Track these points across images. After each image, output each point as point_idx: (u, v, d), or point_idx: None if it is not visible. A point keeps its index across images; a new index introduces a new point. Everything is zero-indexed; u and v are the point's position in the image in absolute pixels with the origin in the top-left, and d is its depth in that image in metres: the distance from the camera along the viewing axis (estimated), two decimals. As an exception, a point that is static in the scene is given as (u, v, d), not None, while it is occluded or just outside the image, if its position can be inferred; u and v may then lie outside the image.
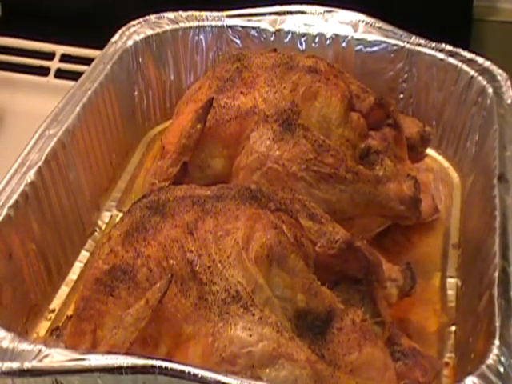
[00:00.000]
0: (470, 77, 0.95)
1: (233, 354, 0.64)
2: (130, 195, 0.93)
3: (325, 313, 0.69)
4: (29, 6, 1.09)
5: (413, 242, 0.89)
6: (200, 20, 1.01)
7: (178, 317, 0.66)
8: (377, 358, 0.68)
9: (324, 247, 0.74)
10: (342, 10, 1.00)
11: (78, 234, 0.87)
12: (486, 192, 0.83)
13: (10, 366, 0.63)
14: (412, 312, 0.80)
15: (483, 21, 1.10)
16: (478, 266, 0.78)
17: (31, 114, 0.89)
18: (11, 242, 0.77)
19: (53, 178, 0.83)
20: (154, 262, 0.68)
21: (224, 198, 0.73)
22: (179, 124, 0.88)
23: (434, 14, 1.02)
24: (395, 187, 0.86)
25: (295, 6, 1.01)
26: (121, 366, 0.61)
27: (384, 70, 0.99)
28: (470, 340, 0.73)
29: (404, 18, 0.99)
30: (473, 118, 0.94)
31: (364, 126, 0.89)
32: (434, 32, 0.98)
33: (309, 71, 0.88)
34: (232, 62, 0.91)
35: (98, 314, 0.69)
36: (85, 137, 0.89)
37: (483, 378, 0.62)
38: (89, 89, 0.91)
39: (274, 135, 0.84)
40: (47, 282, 0.81)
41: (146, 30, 1.01)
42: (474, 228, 0.85)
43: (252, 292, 0.66)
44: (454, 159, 0.97)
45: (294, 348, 0.65)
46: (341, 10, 1.01)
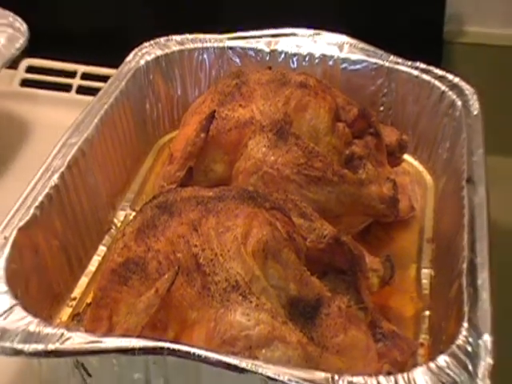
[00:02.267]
0: (441, 91, 0.95)
1: (233, 337, 0.64)
2: (141, 196, 0.92)
3: (314, 300, 0.69)
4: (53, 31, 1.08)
5: (392, 237, 0.89)
6: (203, 42, 1.02)
7: (184, 304, 0.66)
8: (360, 339, 0.68)
9: (314, 242, 0.73)
10: (329, 33, 1.01)
11: (96, 231, 0.87)
12: (456, 193, 0.83)
13: (35, 348, 0.63)
14: (391, 299, 0.80)
15: (452, 43, 1.10)
16: (449, 258, 0.78)
17: (55, 125, 0.89)
18: (37, 239, 0.77)
19: (74, 182, 0.83)
20: (162, 256, 0.68)
21: (225, 198, 0.73)
22: (185, 133, 0.88)
23: (410, 37, 1.02)
24: (376, 188, 0.86)
25: (287, 29, 1.02)
26: (134, 348, 0.61)
27: (366, 86, 0.99)
28: (442, 323, 0.73)
29: (383, 40, 0.99)
30: (444, 128, 0.94)
31: (348, 135, 0.89)
32: (410, 52, 0.99)
33: (300, 86, 0.88)
34: (232, 78, 0.91)
35: (113, 302, 0.69)
36: (102, 145, 0.89)
37: (453, 357, 0.62)
38: (106, 103, 0.91)
39: (269, 143, 0.84)
40: (69, 274, 0.81)
41: (156, 50, 1.01)
42: (446, 225, 0.85)
43: (250, 282, 0.66)
44: (428, 164, 0.97)
45: (287, 331, 0.65)
46: (327, 32, 1.01)
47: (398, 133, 0.95)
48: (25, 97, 1.18)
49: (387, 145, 0.92)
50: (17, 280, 0.71)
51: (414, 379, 0.61)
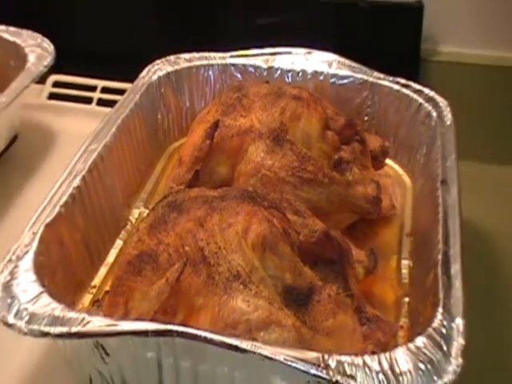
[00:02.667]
0: (418, 104, 0.95)
1: (234, 321, 0.63)
2: (154, 196, 0.92)
3: (307, 288, 0.69)
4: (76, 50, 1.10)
5: (375, 232, 0.88)
6: (209, 59, 1.02)
7: (191, 292, 0.66)
8: (347, 323, 0.68)
9: (306, 236, 0.73)
10: (319, 52, 1.01)
11: (114, 227, 0.87)
12: (432, 193, 0.83)
13: (60, 330, 0.63)
14: (375, 287, 0.80)
15: (428, 61, 1.11)
16: (425, 250, 0.78)
17: (78, 133, 0.89)
18: (62, 234, 0.77)
19: (94, 184, 0.83)
20: (172, 249, 0.68)
21: (227, 197, 0.73)
22: (193, 140, 0.87)
23: (391, 55, 1.03)
24: (362, 189, 0.86)
25: (283, 49, 1.02)
26: (147, 330, 0.61)
27: (352, 98, 0.99)
28: (420, 308, 0.73)
29: (368, 58, 0.99)
30: (421, 136, 0.94)
31: (337, 142, 0.89)
32: (391, 69, 0.99)
33: (294, 98, 0.88)
34: (234, 91, 0.91)
35: (129, 290, 0.69)
36: (119, 151, 0.88)
37: (430, 338, 0.62)
38: (122, 113, 0.91)
39: (267, 148, 0.84)
40: (90, 265, 0.81)
41: (167, 67, 1.01)
42: (423, 221, 0.85)
43: (249, 272, 0.66)
44: (407, 167, 0.97)
45: (283, 316, 0.65)
46: (318, 51, 1.01)
47: (381, 140, 0.95)
48: (51, 108, 1.18)
49: (371, 150, 0.92)
50: (44, 270, 0.71)
51: (395, 358, 0.60)
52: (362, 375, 0.59)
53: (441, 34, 1.14)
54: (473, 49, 1.13)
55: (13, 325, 0.63)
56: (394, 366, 0.60)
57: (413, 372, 0.59)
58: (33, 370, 0.78)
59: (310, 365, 0.58)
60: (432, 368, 0.60)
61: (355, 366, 0.59)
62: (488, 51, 1.12)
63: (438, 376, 0.59)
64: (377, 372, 0.59)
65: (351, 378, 0.58)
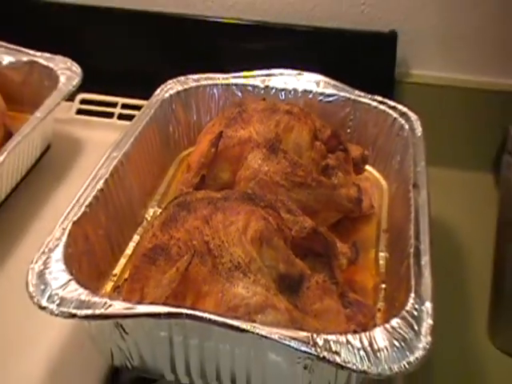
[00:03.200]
0: (393, 118, 0.95)
1: (236, 305, 0.63)
2: (166, 197, 0.91)
3: (298, 276, 0.69)
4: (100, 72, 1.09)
5: (357, 228, 0.88)
6: (214, 80, 1.01)
7: (199, 280, 0.65)
8: (333, 306, 0.68)
9: (297, 232, 0.73)
10: (309, 73, 1.00)
11: (132, 224, 0.86)
12: (405, 195, 0.82)
13: (86, 312, 0.62)
14: (356, 275, 0.79)
15: (401, 82, 1.11)
16: (399, 244, 0.77)
17: (102, 143, 0.89)
18: (87, 229, 0.76)
19: (115, 186, 0.83)
20: (182, 243, 0.68)
21: (229, 199, 0.72)
22: (199, 149, 0.87)
23: (370, 77, 1.03)
24: (345, 191, 0.86)
25: (277, 70, 1.01)
26: (160, 313, 0.60)
27: (337, 113, 0.98)
28: (395, 294, 0.72)
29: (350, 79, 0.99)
30: (396, 145, 0.93)
31: (324, 150, 0.88)
32: (369, 88, 0.98)
33: (287, 113, 0.87)
34: (235, 107, 0.90)
35: (144, 278, 0.68)
36: (136, 158, 0.88)
37: (403, 319, 0.62)
38: (139, 126, 0.91)
39: (263, 156, 0.83)
40: (111, 256, 0.80)
41: (177, 86, 1.00)
42: (397, 219, 0.84)
43: (248, 263, 0.66)
44: (384, 172, 0.96)
45: (277, 301, 0.64)
46: (308, 73, 1.00)
47: (361, 149, 0.94)
48: (79, 122, 1.17)
49: (353, 158, 0.92)
50: (72, 261, 0.70)
51: (374, 336, 0.60)
52: (345, 351, 0.58)
53: (412, 60, 1.14)
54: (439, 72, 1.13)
55: (46, 307, 0.63)
56: (373, 343, 0.59)
57: (389, 348, 0.59)
58: (62, 346, 0.78)
59: (300, 343, 0.58)
60: (405, 345, 0.60)
61: (340, 343, 0.59)
62: (451, 74, 1.12)
63: (411, 352, 0.59)
64: (358, 349, 0.59)
65: (336, 353, 0.58)
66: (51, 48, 1.09)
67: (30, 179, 1.02)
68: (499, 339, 0.83)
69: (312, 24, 1.14)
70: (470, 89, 1.11)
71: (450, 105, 1.12)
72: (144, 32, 1.19)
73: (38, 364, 0.76)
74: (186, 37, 1.17)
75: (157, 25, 1.19)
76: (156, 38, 1.19)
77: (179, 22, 1.18)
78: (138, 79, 1.06)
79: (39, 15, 1.21)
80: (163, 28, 1.19)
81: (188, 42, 1.18)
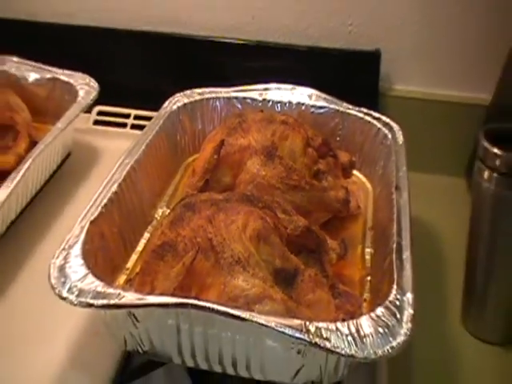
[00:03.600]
0: (378, 128, 0.94)
1: (236, 296, 0.63)
2: (173, 199, 0.90)
3: (292, 270, 0.68)
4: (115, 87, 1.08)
5: (345, 227, 0.87)
6: (216, 93, 1.01)
7: (203, 273, 0.65)
8: (324, 297, 0.68)
9: (292, 230, 0.72)
10: (302, 87, 1.00)
11: (143, 223, 0.85)
12: (388, 196, 0.82)
13: (102, 302, 0.62)
14: (345, 269, 0.79)
15: (385, 95, 1.11)
16: (383, 240, 0.77)
17: (116, 150, 0.88)
18: (102, 228, 0.76)
19: (128, 189, 0.82)
20: (187, 240, 0.67)
21: (230, 200, 0.72)
22: (203, 155, 0.87)
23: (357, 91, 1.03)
24: (334, 193, 0.85)
25: (273, 85, 1.01)
26: (168, 303, 0.60)
27: (327, 123, 0.98)
28: (379, 285, 0.72)
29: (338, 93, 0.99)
30: (380, 153, 0.93)
31: (315, 157, 0.88)
32: (356, 101, 0.98)
33: (282, 123, 0.87)
34: (235, 117, 0.90)
35: (154, 272, 0.68)
36: (147, 164, 0.88)
37: (387, 308, 0.62)
38: (149, 135, 0.90)
39: (261, 162, 0.83)
40: (124, 252, 0.80)
41: (184, 99, 1.00)
42: (381, 218, 0.84)
43: (248, 258, 0.65)
44: (369, 177, 0.96)
45: (274, 292, 0.64)
46: (301, 87, 1.00)
47: (349, 155, 0.94)
48: (96, 132, 1.17)
49: (342, 163, 0.91)
50: (89, 256, 0.70)
51: (360, 324, 0.60)
52: (335, 337, 0.58)
53: (394, 75, 1.14)
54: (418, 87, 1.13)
55: (66, 298, 0.63)
56: (360, 330, 0.59)
57: (374, 335, 0.59)
58: (80, 332, 0.78)
59: (294, 330, 0.58)
60: (388, 331, 0.59)
61: (330, 330, 0.59)
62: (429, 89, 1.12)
63: (393, 337, 0.59)
64: (346, 335, 0.59)
65: (327, 339, 0.58)
66: (71, 66, 1.09)
67: (52, 183, 1.02)
68: (471, 325, 0.83)
69: (305, 43, 1.13)
70: (445, 102, 1.11)
71: (428, 116, 1.12)
72: (153, 51, 1.19)
73: (59, 348, 0.76)
74: (191, 55, 1.17)
75: (165, 45, 1.18)
76: (164, 56, 1.19)
77: (185, 42, 1.17)
78: (149, 93, 1.06)
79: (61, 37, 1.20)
80: (171, 47, 1.18)
81: (193, 60, 1.17)
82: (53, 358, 0.75)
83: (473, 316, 0.82)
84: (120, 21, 1.19)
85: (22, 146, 0.99)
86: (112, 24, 1.19)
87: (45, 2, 1.21)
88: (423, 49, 1.11)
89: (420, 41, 1.10)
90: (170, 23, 1.18)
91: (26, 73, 1.10)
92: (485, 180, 0.74)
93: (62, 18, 1.20)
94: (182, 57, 1.18)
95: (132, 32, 1.19)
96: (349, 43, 1.12)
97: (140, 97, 1.16)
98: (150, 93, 1.03)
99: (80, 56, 1.14)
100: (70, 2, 1.21)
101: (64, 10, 1.21)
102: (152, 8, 1.18)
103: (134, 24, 1.19)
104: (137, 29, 1.19)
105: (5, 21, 1.21)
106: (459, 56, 1.09)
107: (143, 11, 1.19)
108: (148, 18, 1.18)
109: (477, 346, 0.81)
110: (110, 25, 1.20)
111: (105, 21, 1.20)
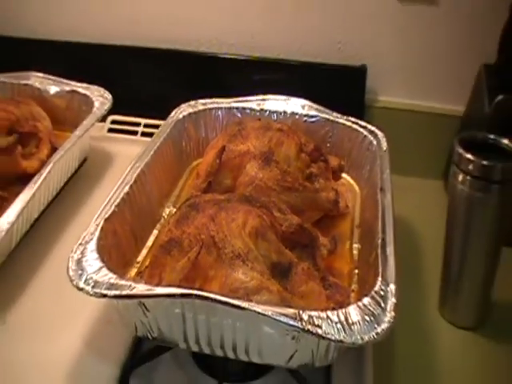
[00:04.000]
0: (364, 135, 0.93)
1: (236, 288, 0.62)
2: (179, 199, 0.90)
3: (287, 264, 0.68)
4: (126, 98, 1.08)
5: (335, 225, 0.86)
6: (218, 103, 1.00)
7: (206, 267, 0.64)
8: (316, 288, 0.67)
9: (287, 228, 0.72)
10: (296, 98, 0.99)
11: (152, 221, 0.85)
12: (373, 197, 0.81)
13: (115, 293, 0.61)
14: (334, 263, 0.78)
15: (370, 106, 1.11)
16: (369, 237, 0.76)
17: (128, 155, 0.87)
18: (115, 225, 0.75)
19: (138, 190, 0.82)
20: (192, 236, 0.67)
21: (231, 200, 0.71)
22: (206, 160, 0.86)
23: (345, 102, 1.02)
24: (325, 194, 0.84)
25: (270, 96, 1.00)
26: (174, 294, 0.59)
27: (318, 131, 0.97)
28: (365, 277, 0.71)
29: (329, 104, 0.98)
30: (366, 158, 0.92)
31: (308, 161, 0.87)
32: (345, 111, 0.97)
33: (278, 131, 0.86)
34: (236, 125, 0.89)
35: (162, 265, 0.67)
36: (155, 167, 0.87)
37: (372, 298, 0.61)
38: (157, 142, 0.90)
39: (259, 166, 0.82)
40: (134, 247, 0.79)
41: (189, 109, 0.99)
42: (367, 217, 0.83)
43: (247, 253, 0.65)
44: (357, 179, 0.95)
45: (270, 284, 0.63)
46: (295, 98, 1.00)
47: (339, 160, 0.93)
48: (110, 139, 1.16)
49: (332, 167, 0.91)
50: (103, 251, 0.69)
51: (349, 312, 0.59)
52: (325, 325, 0.58)
53: (378, 88, 1.14)
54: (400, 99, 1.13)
55: (82, 288, 0.63)
56: (348, 318, 0.59)
57: (361, 322, 0.59)
58: (95, 320, 0.78)
59: (289, 318, 0.57)
60: (374, 319, 0.59)
61: (321, 318, 0.58)
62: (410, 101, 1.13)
63: (378, 325, 0.59)
64: (336, 322, 0.58)
65: (318, 327, 0.57)
66: (88, 80, 1.09)
67: (70, 185, 1.01)
68: (447, 313, 0.83)
69: (299, 59, 1.13)
70: (424, 112, 1.11)
71: (409, 125, 1.12)
72: (161, 66, 1.18)
73: (77, 334, 0.76)
74: (195, 69, 1.17)
75: (171, 60, 1.18)
76: (171, 70, 1.18)
77: (190, 57, 1.17)
78: (157, 104, 1.05)
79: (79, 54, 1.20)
80: (176, 62, 1.18)
81: (197, 74, 1.17)
82: (71, 342, 0.75)
83: (448, 304, 0.82)
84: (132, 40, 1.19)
85: (45, 152, 0.98)
86: (125, 42, 1.19)
87: (66, 24, 1.22)
88: (404, 65, 1.11)
89: (401, 58, 1.10)
90: (179, 42, 1.18)
91: (48, 86, 1.09)
92: (459, 182, 0.74)
93: (81, 37, 1.21)
94: (188, 71, 1.17)
95: (143, 49, 1.18)
96: (338, 60, 1.12)
97: (149, 107, 1.15)
98: (159, 103, 1.03)
99: (96, 71, 1.14)
100: (89, 23, 1.21)
101: (83, 30, 1.21)
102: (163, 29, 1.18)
103: (145, 42, 1.19)
104: (147, 46, 1.18)
105: (32, 41, 1.21)
106: (437, 72, 1.10)
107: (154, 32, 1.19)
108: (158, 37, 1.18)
109: (451, 330, 0.81)
110: (124, 43, 1.20)
111: (119, 39, 1.20)
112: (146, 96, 1.18)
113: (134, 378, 0.70)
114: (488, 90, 0.92)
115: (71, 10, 1.21)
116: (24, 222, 0.85)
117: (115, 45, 1.19)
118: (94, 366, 0.72)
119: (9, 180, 0.93)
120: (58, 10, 1.21)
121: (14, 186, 0.90)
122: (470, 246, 0.76)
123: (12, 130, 0.96)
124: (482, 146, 0.74)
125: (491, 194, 0.72)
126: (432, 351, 0.78)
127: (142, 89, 1.19)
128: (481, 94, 0.95)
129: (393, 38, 1.09)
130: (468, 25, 1.04)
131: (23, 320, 0.78)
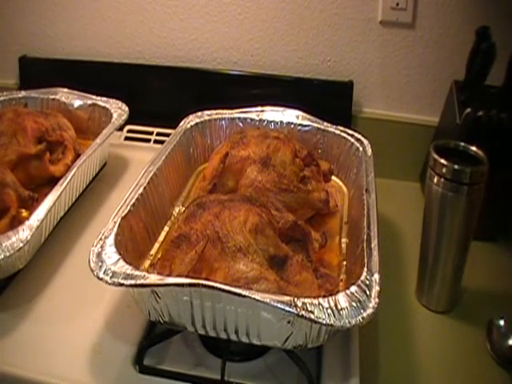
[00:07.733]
0: (351, 142, 0.93)
1: (238, 277, 0.62)
2: (188, 199, 0.89)
3: (283, 256, 0.67)
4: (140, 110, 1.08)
5: (325, 221, 0.86)
6: (222, 114, 0.99)
7: (211, 259, 0.64)
8: (309, 278, 0.67)
9: (283, 224, 0.71)
10: (291, 110, 0.99)
11: (163, 218, 0.84)
12: (359, 197, 0.81)
13: (131, 282, 0.61)
14: (325, 255, 0.78)
15: (356, 117, 1.10)
16: (356, 232, 0.76)
17: (142, 161, 0.87)
18: (131, 222, 0.74)
19: (151, 191, 0.81)
20: (199, 232, 0.66)
21: (234, 200, 0.71)
22: (212, 164, 0.86)
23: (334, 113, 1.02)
24: (317, 195, 0.84)
25: (268, 107, 1.00)
26: (183, 283, 0.59)
27: (311, 138, 0.96)
28: (353, 268, 0.71)
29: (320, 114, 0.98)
30: (353, 162, 0.92)
31: (302, 165, 0.86)
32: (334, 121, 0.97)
33: (275, 138, 0.86)
34: (238, 134, 0.89)
35: (172, 258, 0.67)
36: (166, 171, 0.86)
37: (359, 287, 0.61)
38: (168, 148, 0.89)
39: (258, 170, 0.82)
40: (148, 242, 0.79)
41: (196, 119, 0.98)
42: (354, 214, 0.83)
43: (247, 247, 0.64)
44: (345, 181, 0.94)
45: (268, 274, 0.63)
46: (290, 109, 0.99)
47: (329, 164, 0.93)
48: (126, 146, 1.15)
49: (323, 171, 0.90)
50: (120, 245, 0.69)
51: (338, 299, 0.59)
52: (317, 310, 0.57)
53: (364, 101, 1.14)
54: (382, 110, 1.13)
55: (102, 278, 0.62)
56: (337, 304, 0.59)
57: (348, 308, 0.58)
58: (114, 306, 0.77)
59: (285, 304, 0.57)
60: (360, 305, 0.59)
61: (313, 304, 0.58)
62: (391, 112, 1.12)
63: (364, 310, 0.58)
64: (326, 308, 0.58)
65: (311, 312, 0.57)
66: (108, 94, 1.08)
67: (91, 187, 1.01)
68: (423, 299, 0.82)
69: (293, 75, 1.13)
70: (404, 122, 1.11)
71: (391, 133, 1.11)
72: (172, 81, 1.18)
73: (98, 318, 0.75)
74: (202, 84, 1.16)
75: (180, 76, 1.17)
76: (180, 85, 1.18)
77: (197, 73, 1.16)
78: (168, 114, 1.05)
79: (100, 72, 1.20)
80: (185, 78, 1.17)
81: (203, 88, 1.16)
82: (93, 325, 0.74)
83: (424, 291, 0.82)
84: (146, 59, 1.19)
85: (69, 158, 0.98)
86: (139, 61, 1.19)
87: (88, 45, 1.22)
88: (387, 81, 1.11)
89: (384, 75, 1.10)
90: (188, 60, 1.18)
91: (73, 100, 1.09)
92: (434, 184, 0.75)
93: (101, 56, 1.21)
94: (195, 85, 1.17)
95: (156, 67, 1.18)
96: (328, 75, 1.12)
97: (161, 118, 1.15)
98: (169, 114, 1.02)
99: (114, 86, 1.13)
100: (109, 44, 1.21)
101: (103, 50, 1.21)
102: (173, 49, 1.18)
103: (158, 61, 1.19)
104: (159, 64, 1.18)
105: (58, 60, 1.22)
106: (414, 87, 1.10)
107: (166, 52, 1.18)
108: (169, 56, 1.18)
109: (427, 314, 0.81)
110: (139, 61, 1.20)
111: (134, 59, 1.20)
112: (159, 108, 1.18)
113: (148, 356, 0.70)
114: (458, 103, 0.93)
115: (92, 33, 1.21)
116: (52, 220, 0.85)
117: (131, 63, 1.19)
118: (113, 345, 0.72)
119: (39, 183, 0.93)
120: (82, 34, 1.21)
121: (43, 188, 0.90)
122: (443, 239, 0.76)
123: (42, 138, 0.96)
124: (454, 152, 0.75)
125: (461, 194, 0.73)
126: (410, 332, 0.78)
127: (155, 102, 1.18)
128: (452, 106, 0.95)
129: (376, 57, 1.09)
130: (441, 46, 1.05)
131: (51, 305, 0.77)
